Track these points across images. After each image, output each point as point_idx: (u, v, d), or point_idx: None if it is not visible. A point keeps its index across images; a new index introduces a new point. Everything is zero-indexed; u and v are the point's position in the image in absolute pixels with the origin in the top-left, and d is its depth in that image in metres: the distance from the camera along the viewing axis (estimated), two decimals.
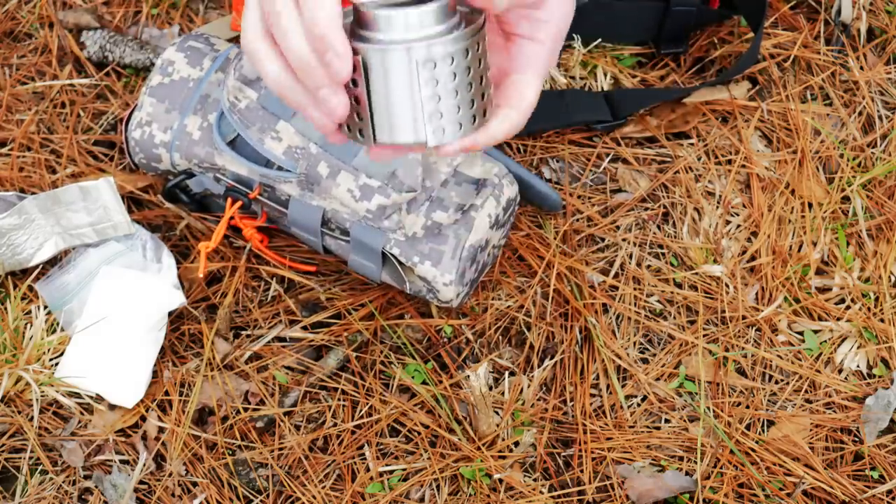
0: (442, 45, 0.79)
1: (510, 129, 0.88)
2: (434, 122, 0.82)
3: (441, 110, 0.82)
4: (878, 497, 1.14)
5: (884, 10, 1.45)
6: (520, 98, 0.88)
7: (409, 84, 0.80)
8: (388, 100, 0.81)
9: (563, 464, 1.17)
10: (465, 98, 0.82)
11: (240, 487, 1.14)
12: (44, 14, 1.43)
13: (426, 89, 0.81)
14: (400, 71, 0.80)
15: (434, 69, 0.80)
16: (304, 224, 1.17)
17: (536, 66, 0.89)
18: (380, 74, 0.80)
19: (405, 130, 0.82)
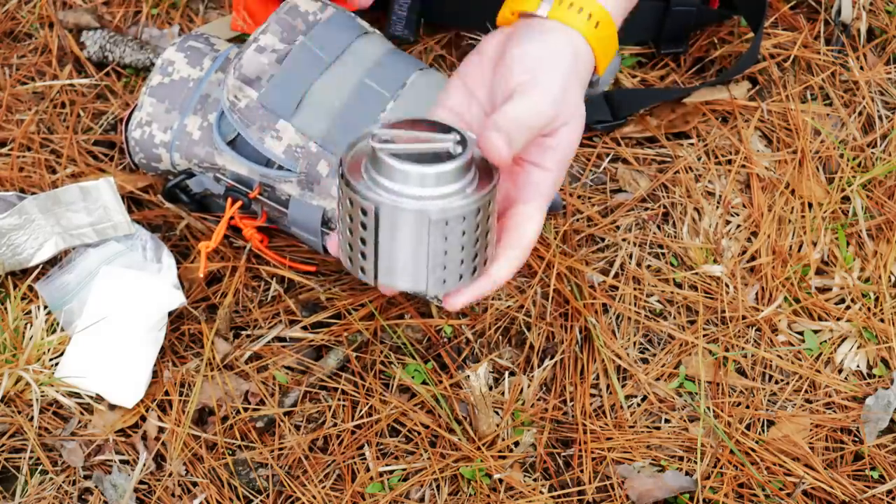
0: (456, 209, 0.80)
1: (515, 269, 0.89)
2: (437, 273, 0.83)
3: (445, 263, 0.83)
4: (878, 497, 1.14)
5: (884, 10, 1.45)
6: (523, 235, 0.88)
7: (417, 239, 0.81)
8: (395, 249, 0.82)
9: (563, 464, 1.17)
10: (470, 252, 0.83)
11: (240, 487, 1.14)
12: (44, 14, 1.43)
13: (434, 245, 0.81)
14: (411, 227, 0.81)
15: (445, 228, 0.81)
16: (304, 224, 1.17)
17: (542, 194, 0.89)
18: (390, 225, 0.81)
19: (407, 278, 0.84)
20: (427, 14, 1.38)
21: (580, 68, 0.88)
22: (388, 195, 0.79)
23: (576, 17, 0.88)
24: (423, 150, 0.80)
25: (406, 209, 0.79)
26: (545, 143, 0.87)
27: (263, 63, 1.12)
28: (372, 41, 1.15)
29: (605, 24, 0.89)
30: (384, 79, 1.12)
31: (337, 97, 1.11)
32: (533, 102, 0.84)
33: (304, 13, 1.15)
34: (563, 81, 0.86)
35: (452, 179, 0.80)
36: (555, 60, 0.87)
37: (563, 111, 0.86)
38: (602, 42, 0.89)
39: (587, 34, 0.88)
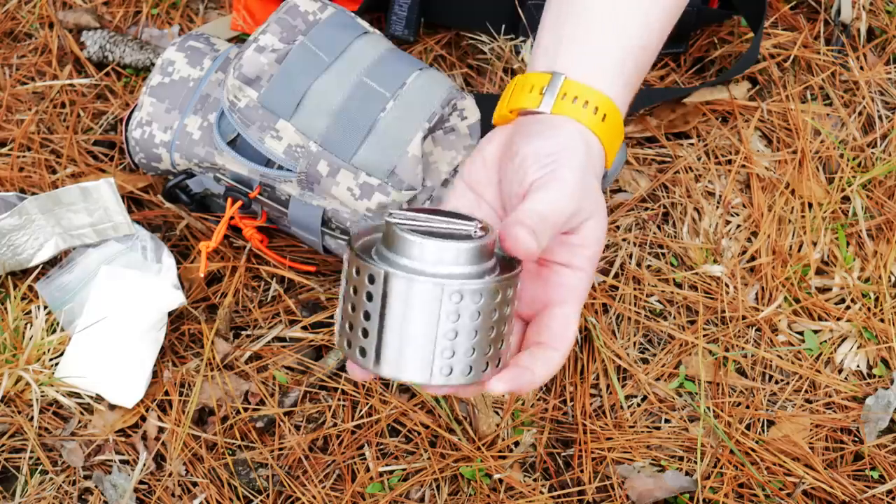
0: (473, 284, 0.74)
1: (553, 370, 0.81)
2: (444, 357, 0.76)
3: (454, 348, 0.76)
4: (878, 497, 1.14)
5: (884, 10, 1.45)
6: (562, 337, 0.81)
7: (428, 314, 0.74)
8: (402, 323, 0.75)
9: (563, 464, 1.17)
10: (484, 340, 0.76)
11: (240, 487, 1.14)
12: (44, 14, 1.43)
13: (445, 323, 0.75)
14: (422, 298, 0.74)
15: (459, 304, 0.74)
16: (304, 224, 1.17)
17: (577, 296, 0.82)
18: (399, 296, 0.74)
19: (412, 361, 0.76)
20: (427, 14, 1.38)
21: (594, 162, 0.83)
22: (400, 266, 0.74)
23: (581, 112, 0.83)
24: (442, 230, 0.75)
25: (420, 278, 0.73)
26: (570, 241, 0.81)
27: (263, 63, 1.12)
28: (372, 41, 1.15)
29: (611, 115, 0.84)
30: (384, 78, 1.12)
31: (337, 97, 1.11)
32: (553, 198, 0.78)
33: (303, 13, 1.15)
34: (581, 175, 0.80)
35: (472, 260, 0.75)
36: (569, 155, 0.81)
37: (585, 206, 0.80)
38: (610, 134, 0.84)
39: (595, 128, 0.83)
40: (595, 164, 0.82)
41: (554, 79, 0.83)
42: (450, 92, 1.13)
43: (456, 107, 1.14)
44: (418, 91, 1.12)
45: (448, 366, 0.75)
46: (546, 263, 0.82)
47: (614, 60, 0.85)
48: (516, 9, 1.36)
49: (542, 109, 0.83)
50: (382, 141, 1.10)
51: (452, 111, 1.14)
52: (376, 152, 1.10)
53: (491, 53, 1.39)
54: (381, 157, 1.10)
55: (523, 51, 1.37)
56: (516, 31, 1.38)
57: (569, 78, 0.83)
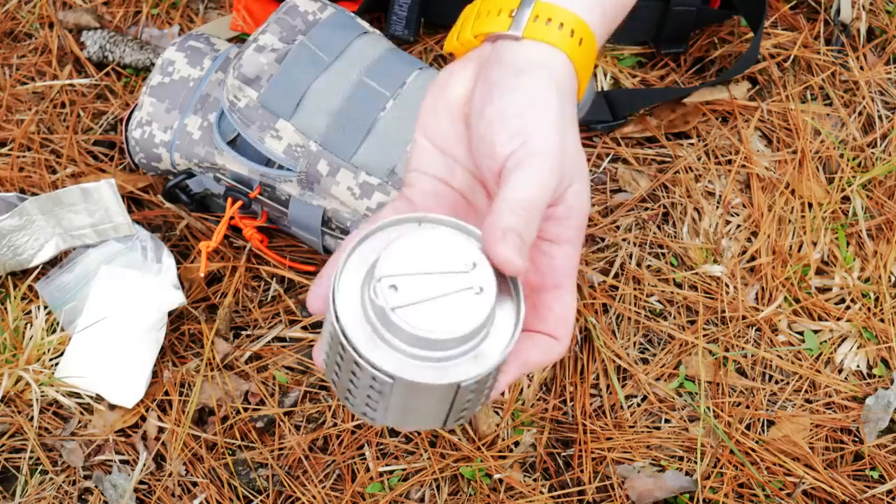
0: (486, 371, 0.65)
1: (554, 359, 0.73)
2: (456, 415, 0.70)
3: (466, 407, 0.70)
4: (878, 497, 1.14)
5: (884, 10, 1.45)
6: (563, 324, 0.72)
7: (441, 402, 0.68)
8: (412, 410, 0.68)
9: (563, 464, 1.17)
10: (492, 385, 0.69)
11: (240, 487, 1.14)
12: (44, 14, 1.43)
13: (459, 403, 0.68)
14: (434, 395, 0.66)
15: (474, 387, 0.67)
16: (304, 223, 1.17)
17: (570, 274, 0.73)
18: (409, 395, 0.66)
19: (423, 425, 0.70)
20: (427, 14, 1.38)
21: (566, 104, 0.73)
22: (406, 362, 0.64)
23: (556, 34, 0.73)
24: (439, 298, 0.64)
25: (432, 385, 0.64)
26: (555, 213, 0.71)
27: (263, 63, 1.12)
28: (371, 40, 1.15)
29: (587, 39, 0.74)
30: (384, 78, 1.12)
31: (336, 96, 1.12)
32: (532, 181, 0.68)
33: (303, 13, 1.15)
34: (558, 136, 0.70)
35: (479, 330, 0.65)
36: (542, 111, 0.71)
37: (566, 171, 0.70)
38: (585, 61, 0.74)
39: (569, 52, 0.73)
40: (568, 108, 0.72)
41: (523, 2, 0.74)
42: None
43: None
44: (418, 90, 1.12)
45: (461, 417, 0.70)
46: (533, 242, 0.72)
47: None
48: None
49: (511, 32, 0.73)
50: (382, 140, 1.10)
51: None
52: (376, 152, 1.10)
53: None
54: (381, 157, 1.10)
55: None
56: None
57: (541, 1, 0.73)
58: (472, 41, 0.75)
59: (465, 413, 0.69)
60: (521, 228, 0.67)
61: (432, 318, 0.63)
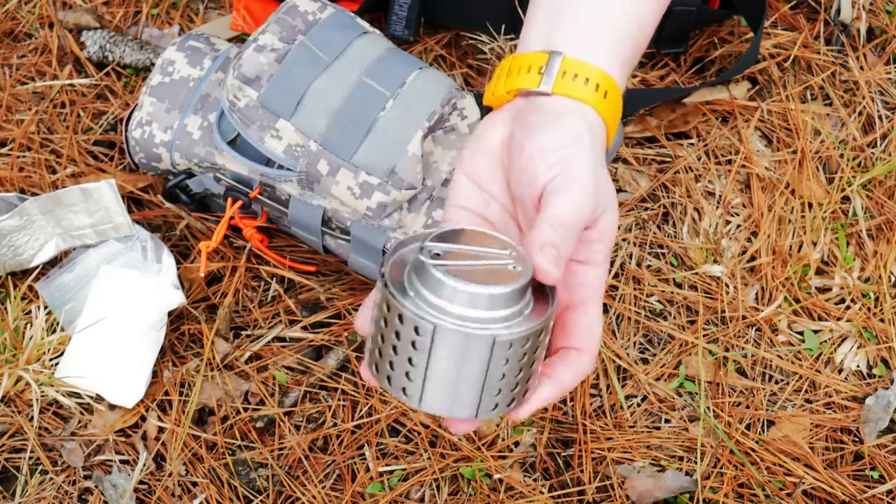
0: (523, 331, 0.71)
1: (584, 374, 0.79)
2: (490, 397, 0.74)
3: (501, 388, 0.74)
4: (878, 497, 1.14)
5: (884, 10, 1.45)
6: (589, 339, 0.79)
7: (477, 364, 0.72)
8: (449, 373, 0.73)
9: (563, 464, 1.17)
10: (526, 374, 0.75)
11: (240, 487, 1.14)
12: (44, 14, 1.43)
13: (494, 370, 0.73)
14: (472, 351, 0.71)
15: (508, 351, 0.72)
16: (304, 223, 1.17)
17: (597, 292, 0.80)
18: (447, 348, 0.71)
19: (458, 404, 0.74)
20: (427, 14, 1.38)
21: (597, 146, 0.79)
22: (446, 316, 0.70)
23: (583, 90, 0.79)
24: (479, 267, 0.72)
25: (470, 333, 0.70)
26: (589, 236, 0.79)
27: (263, 63, 1.12)
28: (371, 40, 1.15)
29: (612, 92, 0.81)
30: (384, 77, 1.12)
31: (336, 96, 1.12)
32: (571, 202, 0.76)
33: (303, 13, 1.15)
34: (593, 168, 0.77)
35: (515, 301, 0.72)
36: (577, 148, 0.78)
37: (601, 200, 0.77)
38: (611, 112, 0.81)
39: (597, 106, 0.80)
40: (598, 150, 0.79)
41: (552, 57, 0.80)
42: (450, 91, 1.13)
43: (456, 106, 1.14)
44: (418, 90, 1.12)
45: (493, 402, 0.74)
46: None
47: (611, 38, 0.82)
48: (516, 9, 1.36)
49: (542, 89, 0.80)
50: (382, 140, 1.10)
51: (452, 110, 1.14)
52: (376, 151, 1.10)
53: (491, 53, 1.39)
54: (381, 157, 1.10)
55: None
56: (516, 31, 1.37)
57: (567, 56, 0.80)
58: (505, 96, 0.82)
59: (499, 397, 0.74)
60: (559, 242, 0.73)
61: (470, 277, 0.70)
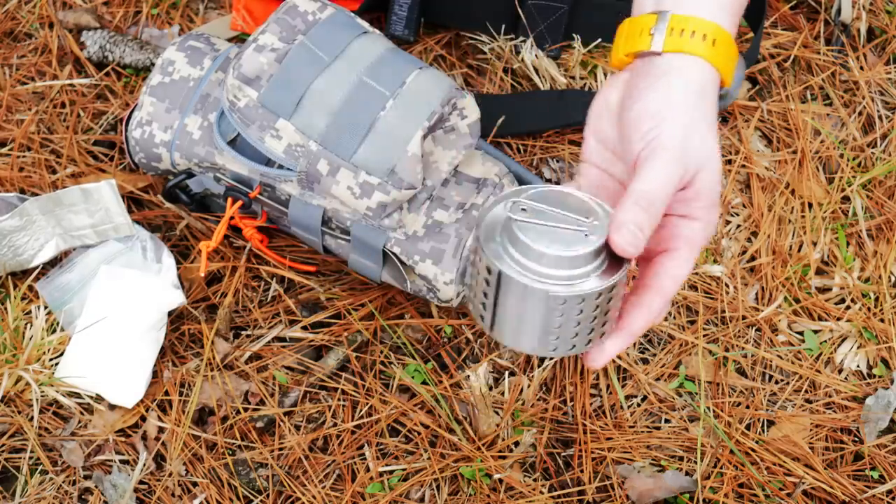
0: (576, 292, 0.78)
1: (654, 321, 0.85)
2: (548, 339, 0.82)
3: (559, 334, 0.82)
4: (878, 497, 1.14)
5: (884, 10, 1.45)
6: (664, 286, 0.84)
7: (532, 311, 0.80)
8: (510, 314, 0.82)
9: (563, 464, 1.17)
10: (586, 328, 0.82)
11: (240, 487, 1.14)
12: (44, 14, 1.43)
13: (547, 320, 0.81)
14: (526, 299, 0.80)
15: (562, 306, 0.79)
16: (304, 223, 1.17)
17: (692, 243, 0.85)
18: (508, 293, 0.80)
19: (518, 339, 0.83)
20: (427, 14, 1.38)
21: (706, 101, 0.86)
22: (513, 265, 0.79)
23: (690, 43, 0.86)
24: (556, 228, 0.79)
25: (524, 283, 0.78)
26: (685, 195, 0.84)
27: (263, 63, 1.12)
28: (371, 40, 1.15)
29: (721, 38, 0.86)
30: (384, 77, 1.12)
31: (336, 96, 1.12)
32: (654, 175, 0.82)
33: (303, 13, 1.15)
34: (682, 132, 0.83)
35: (580, 264, 0.79)
36: (671, 113, 0.84)
37: (690, 163, 0.83)
38: (723, 58, 0.87)
39: (708, 57, 0.86)
40: (707, 105, 0.85)
41: (661, 17, 0.87)
42: (449, 91, 1.13)
43: (456, 106, 1.14)
44: (418, 90, 1.12)
45: (553, 345, 0.82)
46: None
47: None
48: (516, 9, 1.36)
49: (654, 49, 0.86)
50: (382, 140, 1.10)
51: (452, 110, 1.14)
52: (376, 151, 1.10)
53: (491, 53, 1.39)
54: (381, 156, 1.10)
55: (523, 51, 1.37)
56: (516, 31, 1.38)
57: (674, 13, 0.86)
58: (624, 59, 0.89)
59: (558, 341, 0.82)
60: (639, 219, 0.79)
61: (542, 237, 0.78)
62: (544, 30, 1.36)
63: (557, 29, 1.36)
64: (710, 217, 0.85)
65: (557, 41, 1.37)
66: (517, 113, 1.34)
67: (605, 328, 0.83)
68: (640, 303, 0.84)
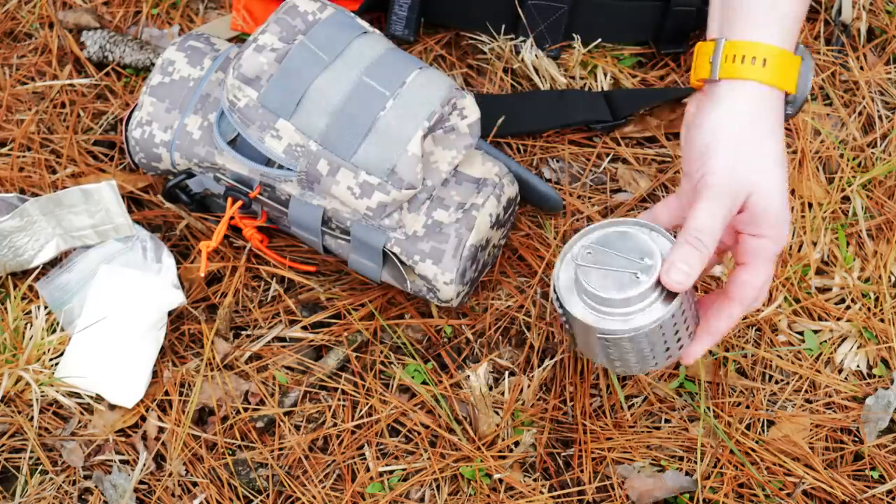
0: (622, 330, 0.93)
1: (734, 322, 0.97)
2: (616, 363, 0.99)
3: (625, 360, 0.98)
4: (878, 497, 1.14)
5: (884, 10, 1.45)
6: (743, 294, 0.96)
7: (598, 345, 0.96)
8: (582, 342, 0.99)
9: (563, 464, 1.17)
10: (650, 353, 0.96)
11: (240, 487, 1.14)
12: (44, 14, 1.43)
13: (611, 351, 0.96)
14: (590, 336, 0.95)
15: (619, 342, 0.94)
16: (304, 223, 1.17)
17: (761, 256, 0.95)
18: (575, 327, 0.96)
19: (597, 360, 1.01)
20: (427, 14, 1.38)
21: (760, 121, 0.93)
22: (580, 302, 0.94)
23: (741, 69, 0.93)
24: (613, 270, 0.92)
25: (586, 324, 0.93)
26: (742, 219, 0.94)
27: (262, 63, 1.12)
28: (371, 40, 1.15)
29: (773, 58, 0.93)
30: (384, 77, 1.12)
31: (336, 96, 1.12)
32: (703, 209, 0.91)
33: (303, 13, 1.15)
34: (731, 161, 0.92)
35: (633, 302, 0.91)
36: (720, 146, 0.92)
37: (740, 189, 0.92)
38: (777, 74, 0.93)
39: (760, 79, 0.93)
40: (763, 121, 0.93)
41: (717, 45, 0.96)
42: (449, 91, 1.13)
43: (456, 106, 1.14)
44: (418, 90, 1.12)
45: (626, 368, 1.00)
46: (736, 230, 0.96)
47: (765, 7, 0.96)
48: (516, 9, 1.36)
49: (713, 77, 0.95)
50: (382, 140, 1.10)
51: (452, 110, 1.14)
52: (376, 151, 1.10)
53: (491, 53, 1.39)
54: (381, 156, 1.10)
55: (523, 51, 1.37)
56: (516, 31, 1.37)
57: (728, 40, 0.95)
58: (697, 83, 0.99)
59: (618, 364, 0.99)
60: (691, 257, 0.90)
61: (600, 280, 0.92)
62: (544, 30, 1.36)
63: (557, 29, 1.36)
64: (774, 232, 0.94)
65: (557, 41, 1.37)
66: (517, 113, 1.33)
67: (681, 343, 0.97)
68: (721, 309, 0.96)
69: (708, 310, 0.99)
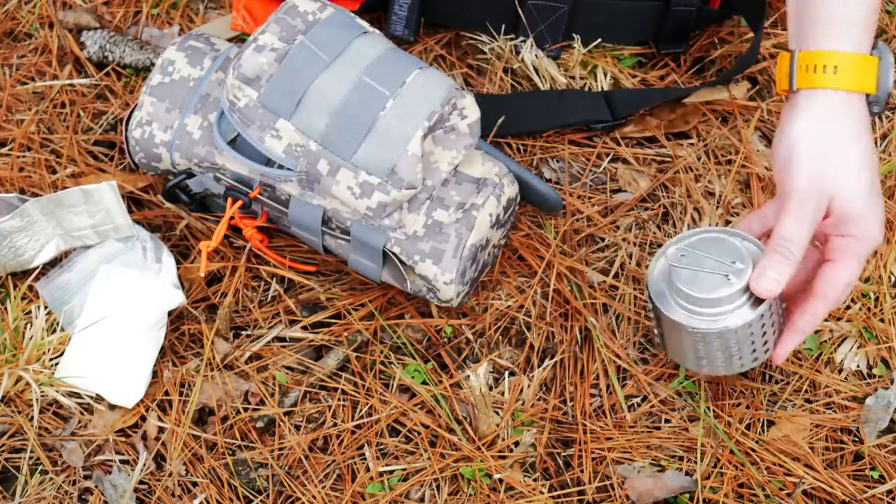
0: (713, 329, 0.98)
1: (819, 319, 1.01)
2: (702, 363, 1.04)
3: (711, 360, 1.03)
4: (878, 497, 1.14)
5: (884, 9, 1.45)
6: (827, 291, 1.00)
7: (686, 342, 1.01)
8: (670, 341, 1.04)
9: (563, 464, 1.17)
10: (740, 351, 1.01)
11: (240, 487, 1.14)
12: (44, 14, 1.43)
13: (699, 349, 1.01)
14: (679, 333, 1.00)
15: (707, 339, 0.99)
16: (304, 223, 1.17)
17: (848, 254, 0.99)
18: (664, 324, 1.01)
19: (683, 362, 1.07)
20: (427, 14, 1.38)
21: (837, 126, 0.96)
22: (671, 303, 0.99)
23: (814, 78, 0.96)
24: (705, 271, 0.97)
25: (675, 321, 0.99)
26: (827, 224, 0.98)
27: (262, 62, 1.12)
28: (371, 40, 1.15)
29: (844, 64, 0.96)
30: (384, 77, 1.12)
31: (336, 96, 1.12)
32: (788, 217, 0.95)
33: (303, 13, 1.15)
34: (810, 169, 0.95)
35: (723, 303, 0.97)
36: (799, 156, 0.96)
37: (822, 195, 0.95)
38: (855, 77, 0.96)
39: (833, 85, 0.96)
40: (839, 127, 0.97)
41: (792, 56, 0.99)
42: (449, 91, 1.13)
43: (456, 106, 1.14)
44: (418, 90, 1.12)
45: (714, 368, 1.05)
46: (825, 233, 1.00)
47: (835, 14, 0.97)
48: (516, 9, 1.36)
49: (792, 88, 0.99)
50: (382, 140, 1.10)
51: (452, 110, 1.14)
52: (376, 151, 1.11)
53: (491, 53, 1.39)
54: (381, 156, 1.10)
55: (523, 51, 1.37)
56: (516, 31, 1.38)
57: (802, 50, 0.98)
58: (782, 93, 1.03)
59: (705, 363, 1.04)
60: (780, 265, 0.95)
61: (691, 280, 0.97)
62: (544, 30, 1.36)
63: (557, 29, 1.36)
64: (861, 231, 0.97)
65: (557, 41, 1.37)
66: (517, 113, 1.33)
67: (767, 346, 1.02)
68: (807, 307, 1.00)
69: (794, 309, 1.03)
